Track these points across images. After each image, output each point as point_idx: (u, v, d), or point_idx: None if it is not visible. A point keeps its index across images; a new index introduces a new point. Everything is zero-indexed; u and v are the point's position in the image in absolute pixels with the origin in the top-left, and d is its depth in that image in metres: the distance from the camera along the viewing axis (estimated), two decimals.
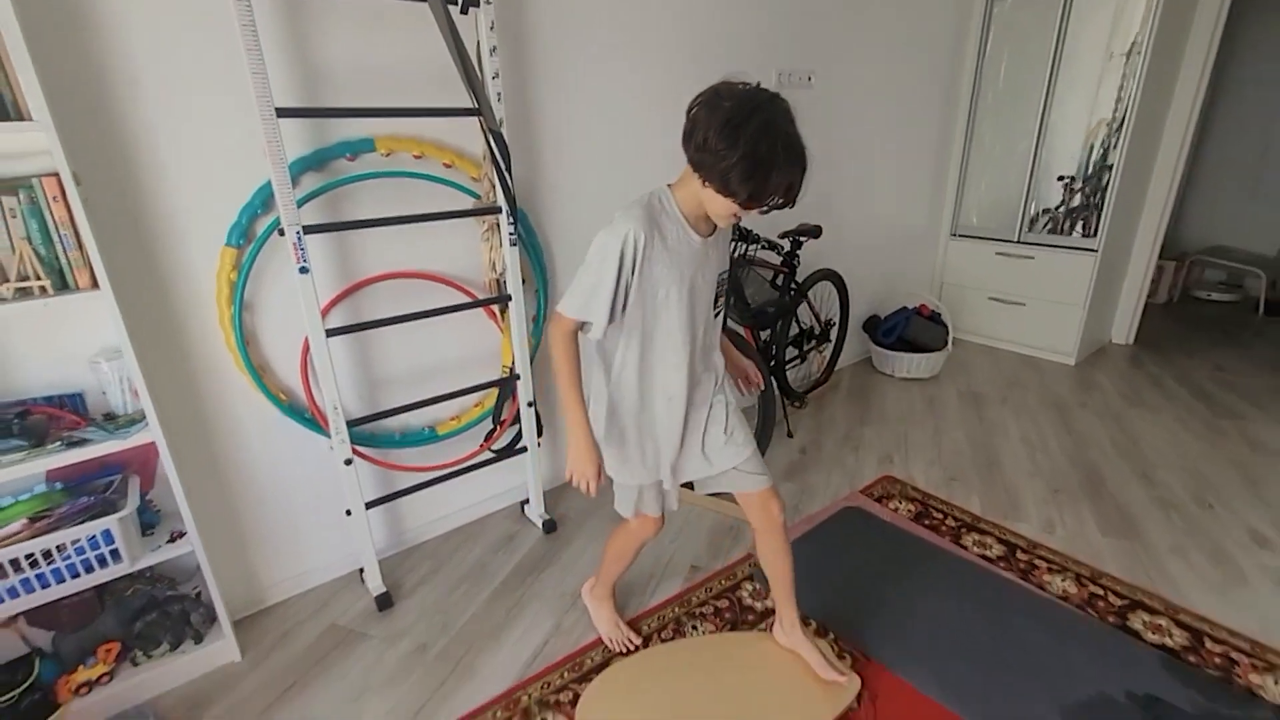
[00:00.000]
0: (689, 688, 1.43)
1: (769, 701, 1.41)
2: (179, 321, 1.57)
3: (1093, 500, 2.25)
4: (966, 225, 3.86)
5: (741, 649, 1.58)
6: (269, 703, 1.54)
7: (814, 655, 1.48)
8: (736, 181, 1.05)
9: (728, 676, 1.47)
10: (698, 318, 1.25)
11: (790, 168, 1.06)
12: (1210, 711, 1.42)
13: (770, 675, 1.47)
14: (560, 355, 1.25)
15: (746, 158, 1.03)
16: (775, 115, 1.05)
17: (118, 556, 1.43)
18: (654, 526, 1.51)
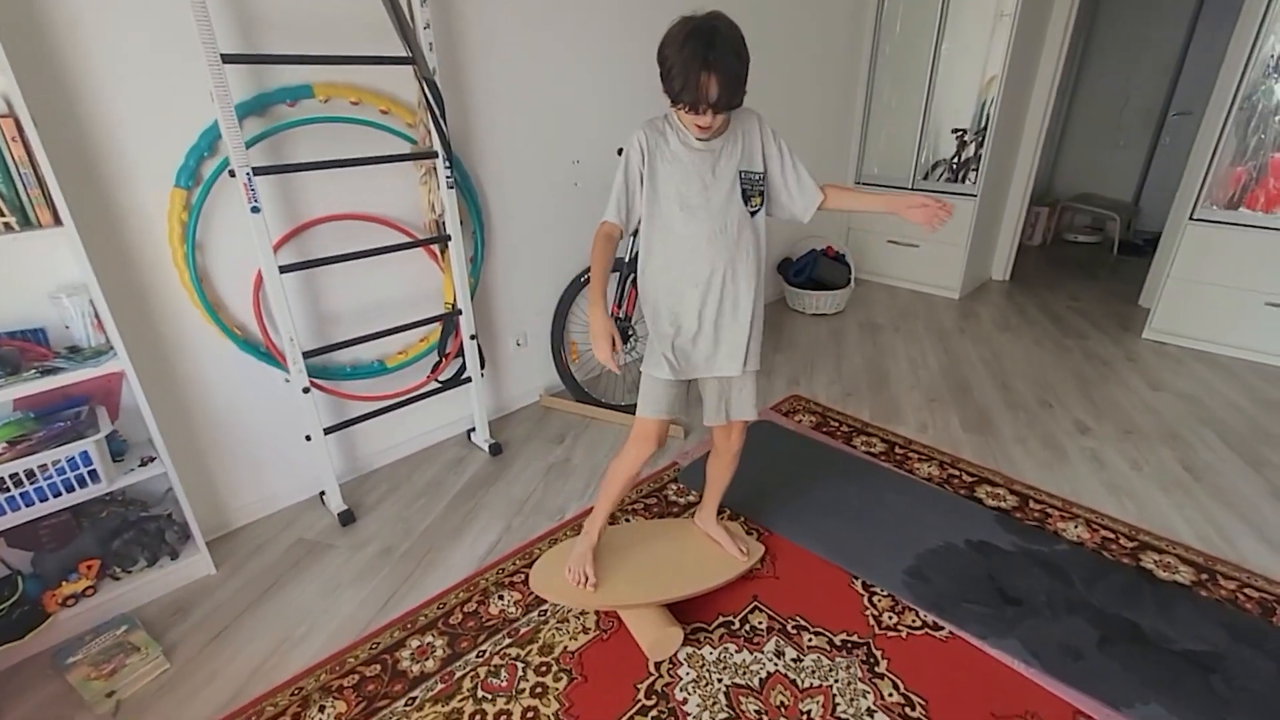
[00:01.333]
0: (628, 556, 1.70)
1: (691, 564, 1.71)
2: (135, 261, 1.66)
3: (959, 406, 2.69)
4: (869, 174, 4.23)
5: (670, 529, 1.88)
6: (250, 602, 1.72)
7: (723, 537, 1.78)
8: (671, 87, 1.24)
9: (659, 547, 1.76)
10: (715, 210, 1.36)
11: (706, 65, 1.18)
12: (1024, 549, 1.84)
13: (693, 547, 1.77)
14: (594, 252, 1.38)
15: (673, 63, 1.20)
16: (704, 26, 1.20)
17: (96, 477, 1.55)
18: (654, 442, 1.52)
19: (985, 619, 1.60)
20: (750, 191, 1.41)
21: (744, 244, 1.42)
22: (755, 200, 1.42)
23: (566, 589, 1.59)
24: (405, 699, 1.42)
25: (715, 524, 1.80)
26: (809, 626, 1.60)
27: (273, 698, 1.44)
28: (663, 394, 1.49)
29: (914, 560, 1.80)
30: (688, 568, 1.69)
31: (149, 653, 1.53)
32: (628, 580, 1.62)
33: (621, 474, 1.58)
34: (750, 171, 1.41)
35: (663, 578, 1.65)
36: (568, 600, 1.58)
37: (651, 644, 1.49)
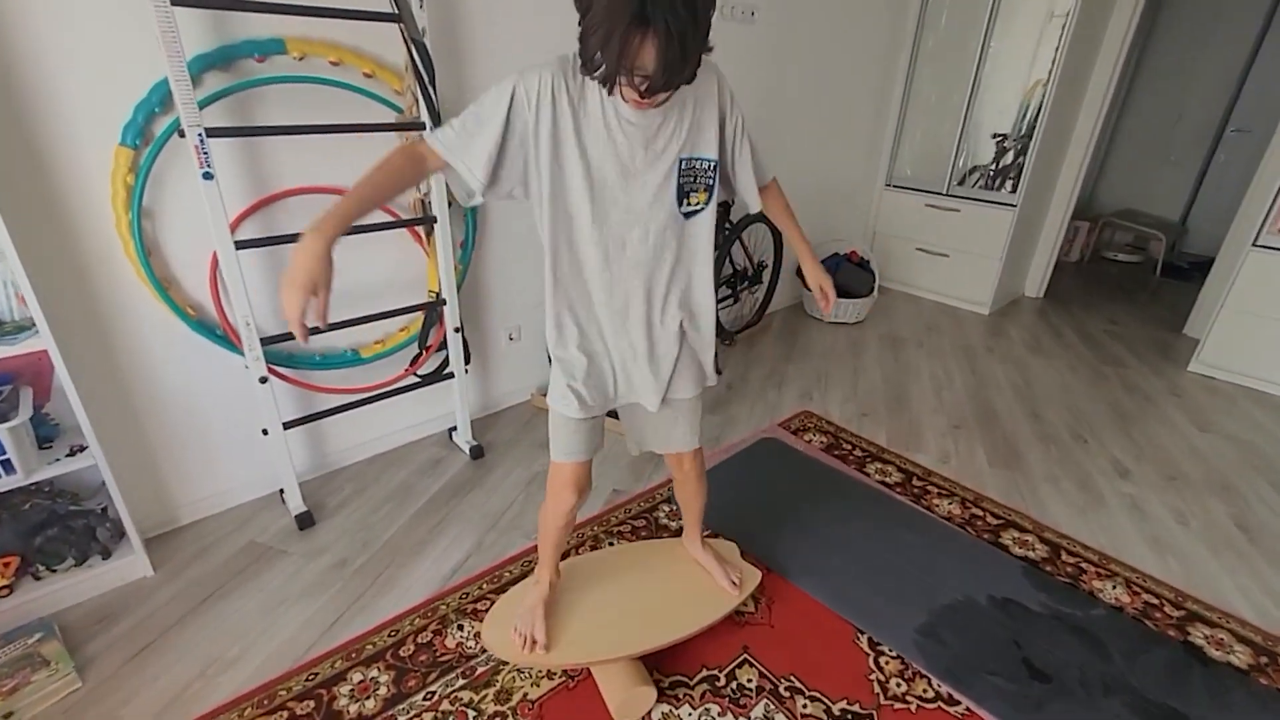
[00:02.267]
0: (595, 594, 1.48)
1: (670, 603, 1.48)
2: (71, 226, 1.48)
3: (986, 434, 2.46)
4: (900, 176, 3.97)
5: (653, 554, 1.65)
6: (184, 613, 1.55)
7: (711, 564, 1.54)
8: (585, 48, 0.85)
9: (635, 580, 1.54)
10: (636, 210, 1.03)
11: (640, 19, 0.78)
12: (1055, 611, 1.62)
13: (676, 578, 1.55)
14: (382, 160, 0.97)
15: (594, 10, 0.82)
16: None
17: (10, 468, 1.38)
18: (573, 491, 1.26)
19: (1009, 696, 1.39)
20: (691, 186, 1.05)
21: (666, 259, 1.09)
22: (696, 198, 1.07)
23: (515, 646, 1.34)
24: None
25: (701, 549, 1.57)
26: (804, 690, 1.39)
27: None
28: (575, 433, 1.20)
29: (928, 616, 1.59)
30: (667, 608, 1.46)
31: (60, 668, 1.36)
32: (591, 629, 1.38)
33: (550, 525, 1.34)
34: (696, 159, 1.04)
35: (634, 624, 1.41)
36: (519, 660, 1.33)
37: (619, 705, 1.29)
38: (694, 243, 1.12)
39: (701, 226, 1.11)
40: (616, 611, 1.44)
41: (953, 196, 3.73)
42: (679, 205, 1.06)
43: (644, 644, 1.36)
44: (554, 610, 1.41)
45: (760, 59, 2.91)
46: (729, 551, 1.65)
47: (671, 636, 1.40)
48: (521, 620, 1.35)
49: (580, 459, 1.24)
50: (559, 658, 1.33)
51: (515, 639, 1.34)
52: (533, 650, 1.32)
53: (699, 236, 1.11)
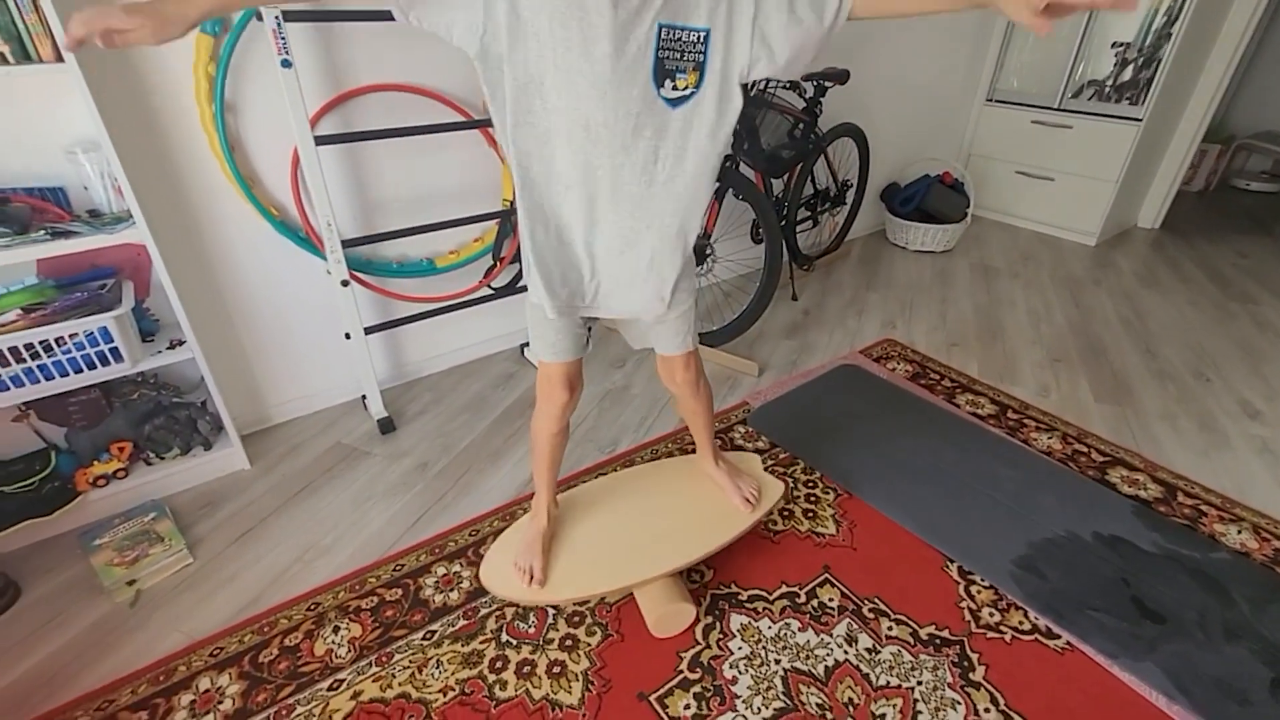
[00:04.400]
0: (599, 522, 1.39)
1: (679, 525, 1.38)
2: (157, 118, 1.48)
3: (1091, 369, 2.26)
4: (1005, 89, 3.58)
5: (664, 474, 1.54)
6: (280, 504, 1.62)
7: (724, 479, 1.43)
8: None
9: (643, 504, 1.44)
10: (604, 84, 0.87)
11: None
12: (1171, 552, 1.49)
13: (686, 499, 1.44)
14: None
15: None
16: None
17: (118, 355, 1.44)
18: (562, 389, 1.19)
19: (1116, 634, 1.30)
20: (674, 64, 0.87)
21: (642, 150, 0.92)
22: (683, 81, 0.89)
23: (517, 583, 1.26)
24: (424, 631, 1.29)
25: (713, 464, 1.44)
26: (890, 612, 1.34)
27: (288, 610, 1.33)
28: (551, 328, 1.11)
29: (1026, 549, 1.49)
30: (672, 532, 1.35)
31: (173, 544, 1.46)
32: (593, 562, 1.30)
33: (540, 435, 1.27)
34: (680, 27, 0.86)
35: (641, 551, 1.31)
36: (516, 597, 1.26)
37: (657, 619, 1.26)
38: (684, 142, 0.93)
39: (695, 124, 0.92)
40: (620, 539, 1.35)
41: (1065, 111, 3.34)
42: (656, 87, 0.88)
43: (644, 572, 1.28)
44: (555, 543, 1.33)
45: None
46: (749, 464, 1.52)
47: (677, 563, 1.30)
48: (521, 554, 1.28)
49: (566, 358, 1.15)
50: (556, 594, 1.25)
51: (515, 574, 1.27)
52: (530, 585, 1.24)
53: (691, 136, 0.93)
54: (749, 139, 2.23)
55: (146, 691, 1.18)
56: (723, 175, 2.19)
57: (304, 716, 1.14)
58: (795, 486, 1.68)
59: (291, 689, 1.18)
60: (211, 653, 1.25)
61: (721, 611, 1.34)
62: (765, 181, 2.43)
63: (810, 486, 1.68)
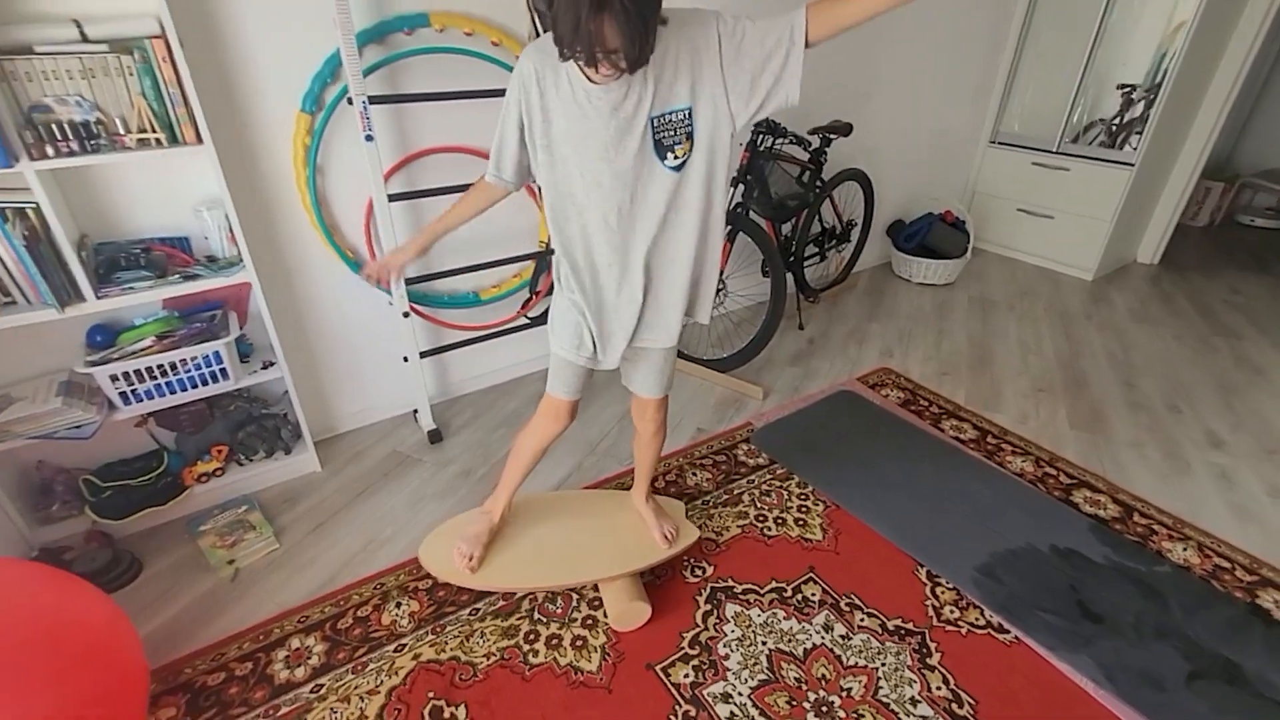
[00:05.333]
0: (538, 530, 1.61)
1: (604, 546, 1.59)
2: (264, 181, 1.80)
3: (1071, 399, 2.46)
4: (1008, 133, 3.80)
5: (600, 503, 1.77)
6: (347, 501, 1.91)
7: (650, 518, 1.63)
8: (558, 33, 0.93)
9: (578, 523, 1.66)
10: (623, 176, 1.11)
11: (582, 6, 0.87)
12: (1118, 565, 1.70)
13: (615, 526, 1.65)
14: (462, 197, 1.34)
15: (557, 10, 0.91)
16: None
17: (226, 375, 1.75)
18: (563, 419, 1.44)
19: (1058, 630, 1.51)
20: (670, 140, 1.09)
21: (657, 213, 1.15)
22: (680, 150, 1.10)
23: (449, 565, 1.49)
24: (470, 609, 1.55)
25: (644, 502, 1.65)
26: (863, 606, 1.57)
27: (359, 588, 1.61)
28: (569, 370, 1.37)
29: (988, 558, 1.71)
30: (596, 550, 1.58)
31: (263, 532, 1.75)
32: (522, 560, 1.54)
33: (527, 449, 1.50)
34: (668, 112, 1.07)
35: (565, 560, 1.55)
36: (449, 577, 1.50)
37: (617, 615, 1.49)
38: (690, 194, 1.15)
39: (692, 178, 1.13)
40: (550, 547, 1.58)
41: (1062, 154, 3.55)
42: (662, 161, 1.10)
43: (566, 578, 1.52)
44: (496, 539, 1.56)
45: None
46: (674, 509, 1.72)
47: (593, 576, 1.53)
48: (465, 541, 1.50)
49: (575, 396, 1.41)
50: (483, 580, 1.48)
51: (456, 557, 1.49)
52: (465, 567, 1.48)
53: (690, 188, 1.14)
54: (759, 189, 2.50)
55: (250, 648, 1.46)
56: (734, 220, 2.46)
57: (375, 670, 1.41)
58: (789, 498, 1.92)
59: (365, 649, 1.46)
60: (299, 620, 1.53)
61: (719, 601, 1.58)
62: (775, 227, 2.69)
63: (803, 499, 1.92)
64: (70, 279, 1.48)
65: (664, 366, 1.42)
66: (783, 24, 1.03)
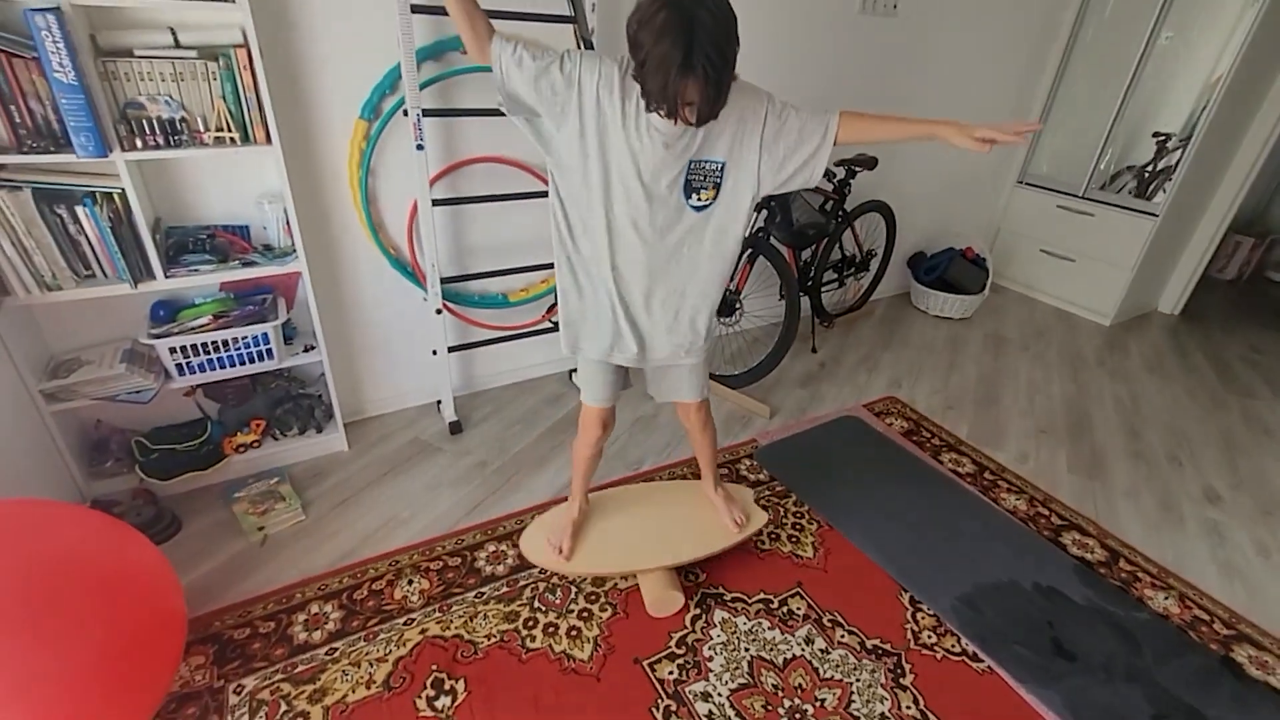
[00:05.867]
0: (619, 521, 1.77)
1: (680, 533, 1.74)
2: (321, 179, 1.94)
3: (1072, 443, 2.51)
4: (1036, 174, 3.85)
5: (675, 493, 1.93)
6: (370, 481, 2.05)
7: (721, 504, 1.77)
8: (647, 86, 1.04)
9: (655, 512, 1.82)
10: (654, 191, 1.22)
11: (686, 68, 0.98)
12: (1098, 607, 1.76)
13: (689, 514, 1.81)
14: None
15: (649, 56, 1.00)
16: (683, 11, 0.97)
17: (271, 355, 1.89)
18: (596, 427, 1.57)
19: (1030, 664, 1.58)
20: (698, 183, 1.22)
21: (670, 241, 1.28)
22: (705, 194, 1.24)
23: (547, 554, 1.67)
24: (475, 592, 1.67)
25: (714, 490, 1.79)
26: (844, 624, 1.66)
27: (376, 563, 1.74)
28: (597, 378, 1.50)
29: (971, 589, 1.78)
30: (672, 536, 1.73)
31: (292, 503, 1.89)
32: (608, 549, 1.69)
33: (578, 455, 1.67)
34: (705, 160, 1.21)
35: (645, 547, 1.70)
36: (546, 564, 1.66)
37: (653, 601, 1.61)
38: (704, 235, 1.28)
39: (712, 223, 1.28)
40: (632, 537, 1.73)
41: (1087, 199, 3.59)
42: (686, 198, 1.24)
43: (648, 562, 1.66)
44: (581, 530, 1.72)
45: (896, 52, 2.96)
46: (743, 496, 1.87)
47: (670, 561, 1.67)
48: (553, 534, 1.68)
49: (604, 404, 1.54)
50: (576, 566, 1.65)
51: (548, 548, 1.67)
52: (559, 556, 1.65)
53: (710, 231, 1.28)
54: (781, 214, 2.60)
55: (274, 609, 1.59)
56: (755, 243, 2.56)
57: (385, 640, 1.53)
58: (785, 515, 2.01)
59: (377, 620, 1.58)
60: (319, 587, 1.66)
61: (708, 606, 1.68)
62: (795, 254, 2.78)
63: (798, 517, 2.00)
64: (144, 258, 1.64)
65: (690, 377, 1.55)
66: (820, 121, 1.23)
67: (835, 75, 2.81)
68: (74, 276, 1.61)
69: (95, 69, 1.47)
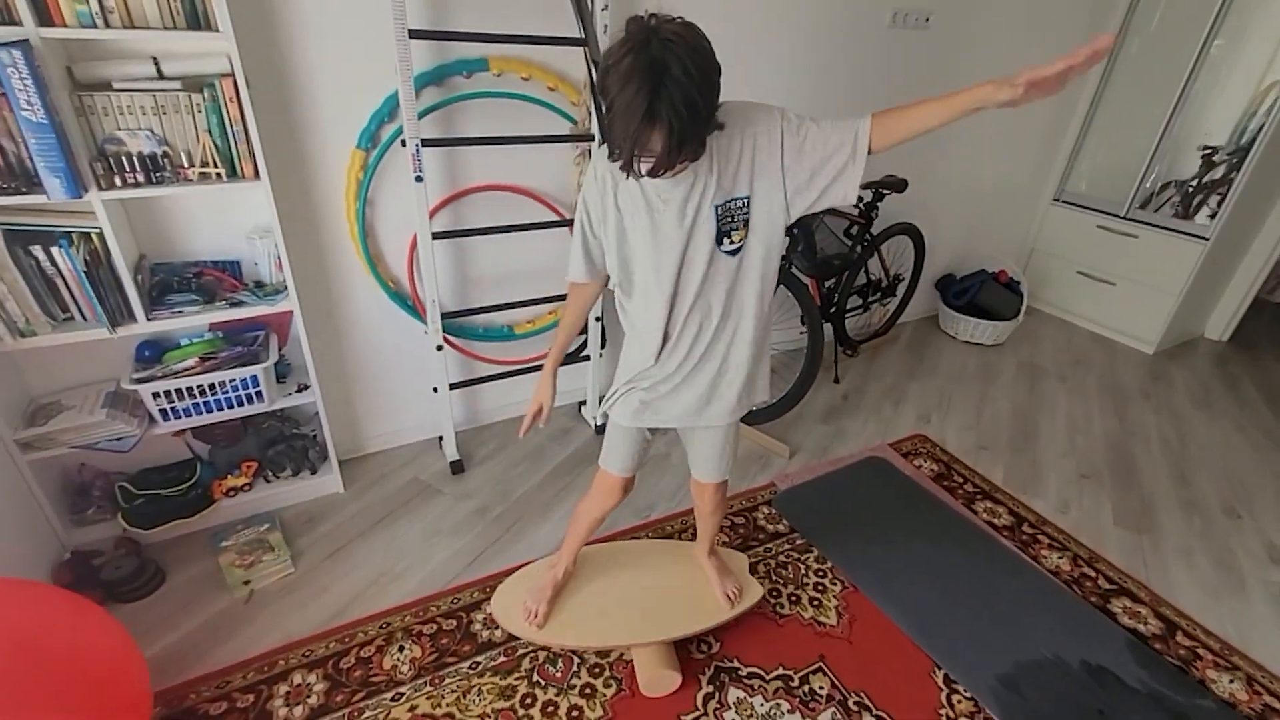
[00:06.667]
0: (602, 583, 1.62)
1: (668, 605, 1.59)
2: (317, 211, 1.84)
3: (1118, 490, 2.33)
4: (1073, 192, 3.65)
5: (665, 555, 1.76)
6: (365, 528, 1.94)
7: (714, 576, 1.63)
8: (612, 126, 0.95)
9: (642, 578, 1.66)
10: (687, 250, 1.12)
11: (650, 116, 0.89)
12: (1155, 692, 1.59)
13: (679, 583, 1.65)
14: (563, 315, 1.37)
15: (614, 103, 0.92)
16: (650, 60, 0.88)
17: (261, 397, 1.79)
18: (615, 493, 1.47)
19: None
20: (729, 226, 1.12)
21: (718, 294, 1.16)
22: (737, 235, 1.12)
23: (517, 618, 1.52)
24: (470, 661, 1.55)
25: (707, 557, 1.66)
26: (872, 708, 1.51)
27: (365, 625, 1.62)
28: (622, 445, 1.39)
29: (1012, 667, 1.62)
30: (659, 608, 1.58)
31: (280, 554, 1.79)
32: (586, 617, 1.54)
33: (583, 517, 1.53)
34: (730, 200, 1.10)
35: (628, 618, 1.55)
36: (516, 630, 1.52)
37: (647, 681, 1.47)
38: (743, 276, 1.16)
39: (750, 261, 1.16)
40: (613, 603, 1.58)
41: (1131, 220, 3.38)
42: (719, 245, 1.12)
43: (628, 637, 1.52)
44: (561, 591, 1.58)
45: (928, 68, 2.80)
46: (738, 564, 1.72)
47: (656, 637, 1.52)
48: (531, 596, 1.55)
49: (627, 473, 1.43)
50: (548, 636, 1.51)
51: (522, 611, 1.52)
52: (531, 623, 1.51)
53: (749, 270, 1.16)
54: (804, 243, 2.45)
55: (254, 679, 1.49)
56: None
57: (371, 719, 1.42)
58: (806, 574, 1.86)
59: (363, 695, 1.47)
60: (304, 653, 1.55)
61: (722, 684, 1.54)
62: (819, 283, 2.63)
63: (820, 575, 1.86)
64: (125, 300, 1.54)
65: (722, 448, 1.41)
66: (847, 128, 1.05)
67: (863, 92, 2.66)
68: (50, 321, 1.52)
69: (71, 104, 1.37)
